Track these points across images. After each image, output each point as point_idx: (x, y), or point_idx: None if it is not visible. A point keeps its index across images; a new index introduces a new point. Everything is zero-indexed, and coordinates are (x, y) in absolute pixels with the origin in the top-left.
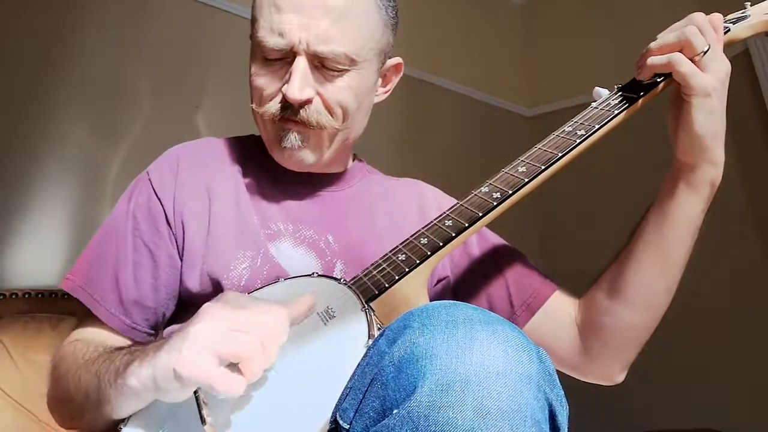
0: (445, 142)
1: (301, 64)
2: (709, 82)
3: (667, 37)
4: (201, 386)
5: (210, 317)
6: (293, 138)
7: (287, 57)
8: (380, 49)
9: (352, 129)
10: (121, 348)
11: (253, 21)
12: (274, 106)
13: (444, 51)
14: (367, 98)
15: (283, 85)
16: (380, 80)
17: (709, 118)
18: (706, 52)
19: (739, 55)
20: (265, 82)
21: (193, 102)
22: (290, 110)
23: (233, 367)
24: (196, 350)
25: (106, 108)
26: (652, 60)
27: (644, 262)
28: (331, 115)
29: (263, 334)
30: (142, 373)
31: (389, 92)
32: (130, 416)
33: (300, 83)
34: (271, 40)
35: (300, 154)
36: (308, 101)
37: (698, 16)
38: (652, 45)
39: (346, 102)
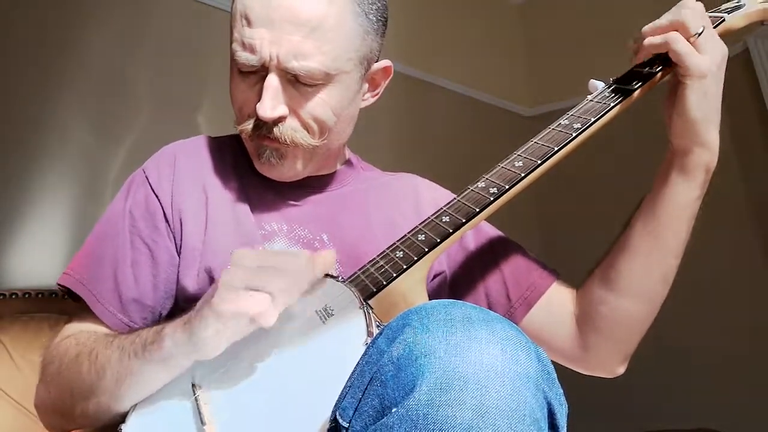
0: (445, 142)
1: (272, 81)
2: (705, 62)
3: (660, 21)
4: (239, 315)
5: (241, 259)
6: (270, 154)
7: (261, 71)
8: (362, 57)
9: (332, 141)
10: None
11: (230, 29)
12: (250, 124)
13: (444, 51)
14: (348, 109)
15: (258, 101)
16: (367, 85)
17: (703, 100)
18: (701, 33)
19: (739, 55)
20: (241, 97)
21: (193, 102)
22: (264, 128)
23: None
24: (228, 288)
25: (106, 108)
26: (649, 40)
27: (639, 250)
28: (308, 131)
29: (292, 269)
30: (178, 334)
31: (378, 95)
32: (131, 413)
33: (271, 102)
34: (242, 54)
35: (278, 169)
36: (281, 119)
37: (687, 2)
38: (646, 28)
39: (323, 117)
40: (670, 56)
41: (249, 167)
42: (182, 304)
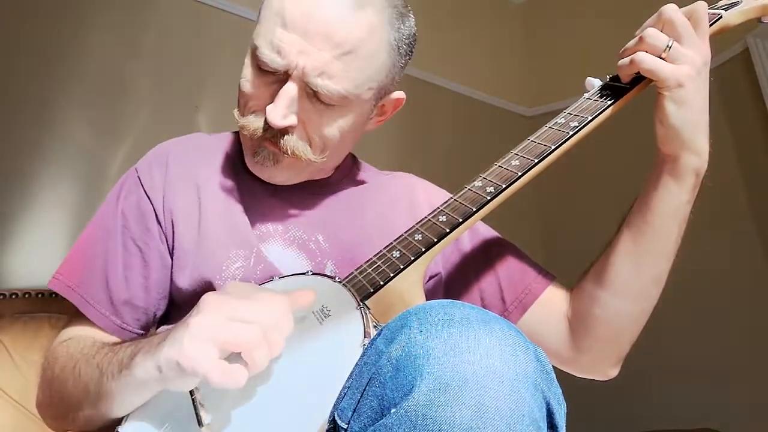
0: (444, 142)
1: (290, 90)
2: (681, 71)
3: (632, 41)
4: (200, 377)
5: (210, 307)
6: (266, 156)
7: (281, 75)
8: (381, 87)
9: (330, 159)
10: (122, 342)
11: (258, 21)
12: (255, 123)
13: (444, 51)
14: (353, 132)
15: (269, 103)
16: (376, 110)
17: (682, 108)
18: (670, 47)
19: (739, 55)
20: (252, 92)
21: (193, 102)
22: (270, 131)
23: (237, 357)
24: (196, 341)
25: (106, 108)
26: (619, 63)
27: (630, 251)
28: (310, 145)
29: (265, 323)
30: (148, 363)
31: (382, 122)
32: (128, 416)
33: (284, 110)
34: (267, 54)
35: (270, 172)
36: (289, 129)
37: (666, 9)
38: (628, 44)
39: (329, 136)
40: (643, 74)
41: (243, 167)
42: (177, 304)
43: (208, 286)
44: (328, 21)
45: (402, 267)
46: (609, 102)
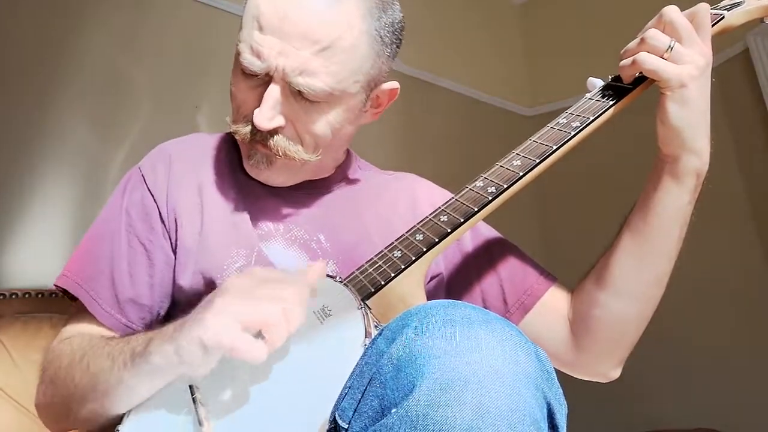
0: (445, 142)
1: (274, 92)
2: (683, 71)
3: (632, 43)
4: (225, 351)
5: (233, 287)
6: (260, 159)
7: (265, 77)
8: (369, 80)
9: (326, 157)
10: (133, 333)
11: (240, 26)
12: (244, 129)
13: (444, 51)
14: (346, 127)
15: (257, 106)
16: (370, 102)
17: (684, 108)
18: (672, 47)
19: (739, 54)
20: (241, 97)
21: (193, 102)
22: (259, 135)
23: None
24: (220, 318)
25: (106, 108)
26: (621, 64)
27: (631, 253)
28: (302, 144)
29: (286, 302)
30: (166, 348)
31: (380, 114)
32: (128, 415)
33: (269, 112)
34: (248, 58)
35: (266, 174)
36: (277, 129)
37: (667, 11)
38: (625, 48)
39: (320, 133)
40: (646, 75)
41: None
42: (179, 303)
43: (209, 286)
44: (303, 19)
45: (403, 267)
46: (611, 102)
